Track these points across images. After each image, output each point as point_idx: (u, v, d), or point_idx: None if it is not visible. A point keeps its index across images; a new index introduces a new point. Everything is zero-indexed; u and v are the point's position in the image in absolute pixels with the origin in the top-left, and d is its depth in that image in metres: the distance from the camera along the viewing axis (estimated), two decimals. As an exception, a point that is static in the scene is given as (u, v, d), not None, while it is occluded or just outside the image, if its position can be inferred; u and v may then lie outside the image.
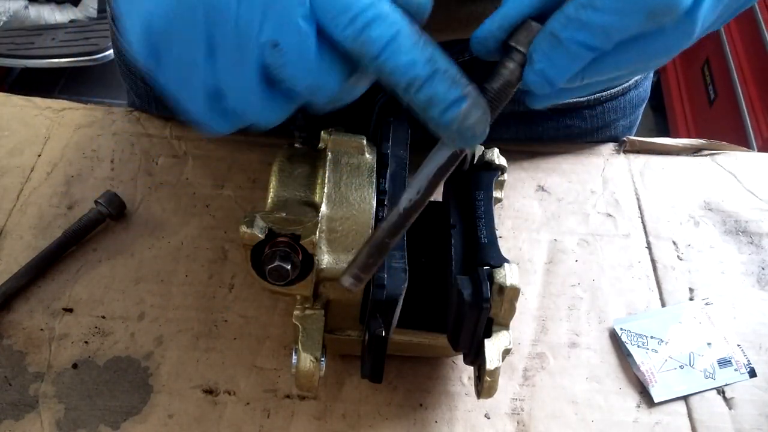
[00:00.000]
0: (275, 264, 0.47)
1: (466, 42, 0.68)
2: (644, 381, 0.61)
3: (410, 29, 0.35)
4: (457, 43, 0.68)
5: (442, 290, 0.56)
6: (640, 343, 0.63)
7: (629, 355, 0.62)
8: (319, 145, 0.57)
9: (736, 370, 0.62)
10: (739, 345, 0.63)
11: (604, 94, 0.76)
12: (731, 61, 1.96)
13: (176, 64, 0.38)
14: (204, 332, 0.63)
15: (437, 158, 0.41)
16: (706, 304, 0.66)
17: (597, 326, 0.65)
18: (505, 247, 0.68)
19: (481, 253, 0.51)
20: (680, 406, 0.60)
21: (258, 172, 0.74)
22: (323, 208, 0.51)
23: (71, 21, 2.25)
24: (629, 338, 0.63)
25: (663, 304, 0.67)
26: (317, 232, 0.48)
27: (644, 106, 0.83)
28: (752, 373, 0.62)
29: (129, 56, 0.40)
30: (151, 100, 0.78)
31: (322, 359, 0.51)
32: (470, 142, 0.38)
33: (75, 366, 0.60)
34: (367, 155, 0.55)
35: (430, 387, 0.60)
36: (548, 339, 0.64)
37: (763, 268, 0.70)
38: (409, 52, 0.35)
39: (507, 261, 0.50)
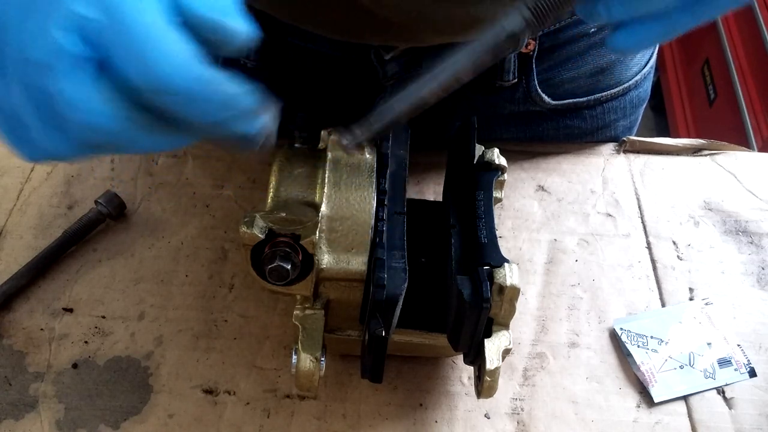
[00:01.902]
0: (275, 264, 0.47)
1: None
2: (644, 381, 0.61)
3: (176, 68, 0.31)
4: (457, 43, 0.68)
5: (442, 290, 0.56)
6: (640, 343, 0.63)
7: (629, 355, 0.62)
8: (319, 145, 0.57)
9: (736, 370, 0.62)
10: (739, 345, 0.63)
11: (604, 94, 0.76)
12: (731, 61, 1.96)
13: None
14: (204, 332, 0.63)
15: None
16: (706, 304, 0.66)
17: (597, 326, 0.65)
18: (505, 247, 0.68)
19: (481, 253, 0.51)
20: (680, 406, 0.60)
21: (258, 172, 0.74)
22: (323, 208, 0.51)
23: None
24: (629, 338, 0.63)
25: (663, 304, 0.67)
26: (317, 232, 0.48)
27: (644, 106, 0.83)
28: (752, 373, 0.62)
29: None
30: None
31: (322, 359, 0.51)
32: (247, 147, 0.36)
33: (75, 366, 0.60)
34: (367, 155, 0.55)
35: (430, 387, 0.60)
36: (548, 339, 0.64)
37: (763, 268, 0.70)
38: (191, 87, 0.31)
39: (507, 261, 0.50)
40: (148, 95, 0.31)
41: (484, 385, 0.50)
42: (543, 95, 0.73)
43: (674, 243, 0.71)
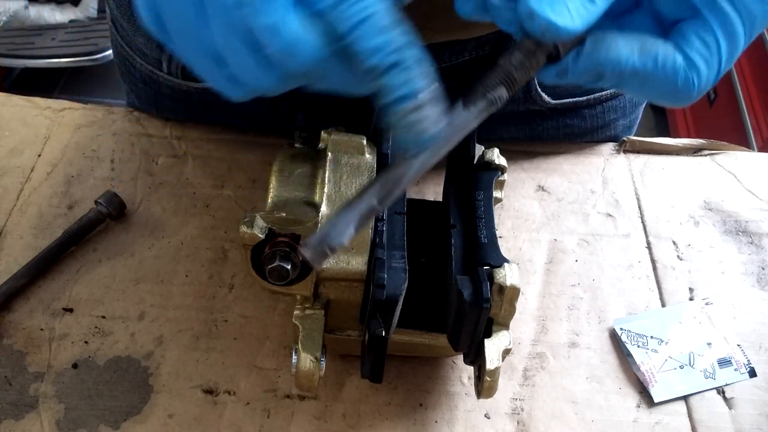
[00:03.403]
0: (275, 264, 0.47)
1: (465, 42, 0.68)
2: (644, 381, 0.61)
3: (386, 13, 0.34)
4: (457, 43, 0.68)
5: (442, 290, 0.56)
6: (640, 343, 0.63)
7: (629, 355, 0.62)
8: (319, 145, 0.57)
9: (736, 370, 0.62)
10: (739, 345, 0.63)
11: (604, 93, 0.76)
12: (731, 61, 1.95)
13: (178, 29, 0.37)
14: (204, 332, 0.63)
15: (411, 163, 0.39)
16: (706, 304, 0.66)
17: (597, 326, 0.65)
18: (505, 247, 0.68)
19: (481, 253, 0.51)
20: (680, 406, 0.60)
21: (258, 172, 0.74)
22: (323, 208, 0.51)
23: (71, 21, 2.25)
24: (629, 338, 0.63)
25: (663, 304, 0.67)
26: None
27: (644, 105, 0.83)
28: (752, 373, 0.62)
29: (143, 28, 0.39)
30: (150, 102, 0.78)
31: (322, 359, 0.51)
32: (413, 140, 0.37)
33: (75, 366, 0.60)
34: (367, 155, 0.55)
35: (430, 387, 0.60)
36: (548, 339, 0.64)
37: (763, 268, 0.70)
38: (377, 37, 0.34)
39: (507, 261, 0.50)
40: (336, 23, 0.34)
41: (484, 385, 0.50)
42: (543, 94, 0.73)
43: (674, 243, 0.71)
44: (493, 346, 0.50)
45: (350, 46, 0.35)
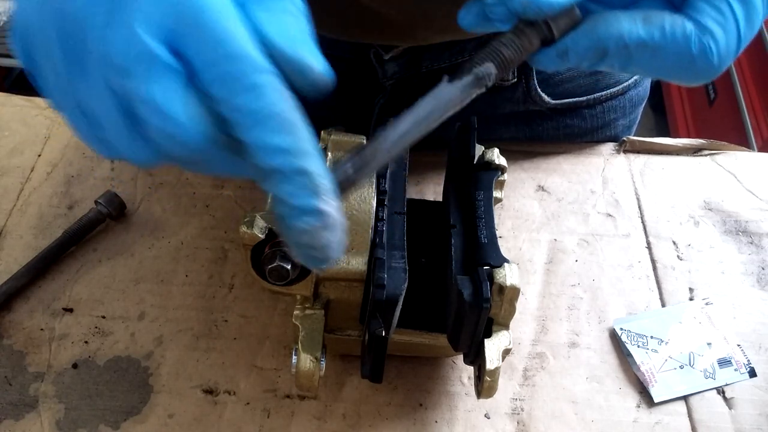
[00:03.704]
0: (275, 264, 0.47)
1: (465, 42, 0.68)
2: (644, 381, 0.61)
3: (291, 109, 0.31)
4: (457, 43, 0.68)
5: (442, 290, 0.56)
6: (640, 343, 0.63)
7: (629, 355, 0.62)
8: (319, 145, 0.57)
9: (736, 370, 0.62)
10: (739, 345, 0.63)
11: (603, 93, 0.76)
12: (731, 61, 1.95)
13: (50, 76, 0.33)
14: (204, 332, 0.63)
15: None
16: (706, 304, 0.66)
17: (597, 326, 0.65)
18: (505, 247, 0.68)
19: (481, 253, 0.51)
20: (680, 406, 0.60)
21: (258, 172, 0.74)
22: (323, 208, 0.51)
23: (71, 21, 2.24)
24: (629, 338, 0.63)
25: (663, 304, 0.67)
26: (317, 232, 0.48)
27: (644, 105, 0.83)
28: (752, 373, 0.62)
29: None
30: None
31: (322, 359, 0.51)
32: (312, 263, 0.33)
33: (75, 366, 0.60)
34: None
35: (430, 387, 0.60)
36: (548, 339, 0.64)
37: (763, 268, 0.70)
38: (279, 135, 0.30)
39: (507, 261, 0.50)
40: (228, 109, 0.30)
41: (484, 385, 0.50)
42: (543, 94, 0.73)
43: (674, 243, 0.71)
44: (493, 346, 0.49)
45: (246, 139, 0.30)
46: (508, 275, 0.48)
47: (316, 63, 0.33)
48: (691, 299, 0.67)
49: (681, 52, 0.37)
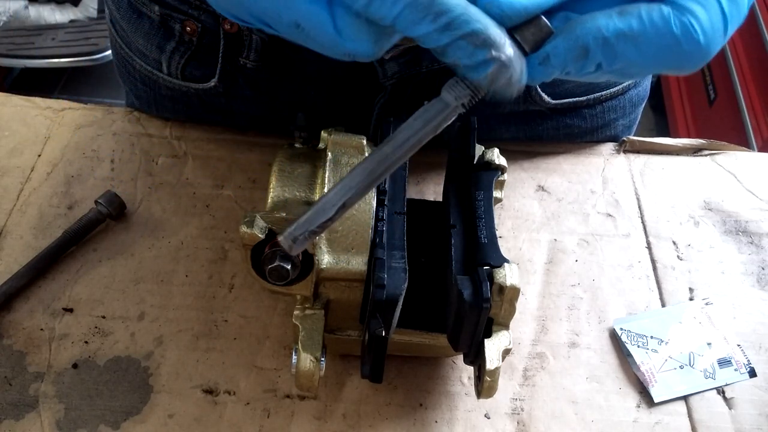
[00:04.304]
0: (275, 264, 0.47)
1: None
2: (644, 381, 0.61)
3: None
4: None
5: (442, 290, 0.56)
6: (640, 343, 0.63)
7: (629, 355, 0.62)
8: (319, 145, 0.57)
9: (736, 370, 0.62)
10: (739, 345, 0.63)
11: (603, 93, 0.76)
12: (731, 61, 1.95)
13: None
14: (204, 332, 0.63)
15: (428, 112, 0.40)
16: (706, 304, 0.66)
17: (597, 326, 0.65)
18: (505, 247, 0.68)
19: (481, 253, 0.51)
20: (680, 406, 0.60)
21: (258, 172, 0.74)
22: (323, 208, 0.51)
23: (71, 21, 2.25)
24: (629, 338, 0.63)
25: (663, 304, 0.67)
26: (317, 232, 0.48)
27: (644, 105, 0.83)
28: (752, 373, 0.62)
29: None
30: (150, 102, 0.78)
31: (322, 359, 0.51)
32: (505, 97, 0.38)
33: (75, 366, 0.60)
34: (367, 155, 0.54)
35: (430, 387, 0.60)
36: (548, 339, 0.64)
37: (763, 268, 0.70)
38: (420, 25, 0.36)
39: (507, 261, 0.50)
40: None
41: (484, 385, 0.50)
42: (543, 94, 0.73)
43: (674, 243, 0.71)
44: (493, 346, 0.50)
45: (403, 33, 0.37)
46: (508, 275, 0.48)
47: None
48: (691, 299, 0.67)
49: (663, 35, 0.37)
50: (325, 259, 0.50)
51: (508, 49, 0.37)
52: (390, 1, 0.35)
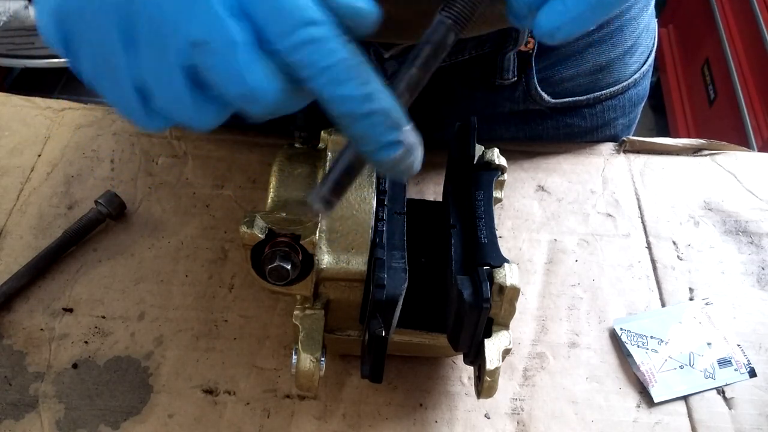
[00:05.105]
0: (275, 264, 0.47)
1: (465, 41, 0.68)
2: (644, 381, 0.61)
3: (350, 56, 0.33)
4: (457, 42, 0.68)
5: (442, 290, 0.56)
6: (640, 343, 0.63)
7: (629, 355, 0.62)
8: (319, 145, 0.57)
9: (736, 370, 0.62)
10: (739, 345, 0.63)
11: (603, 92, 0.76)
12: (731, 61, 1.95)
13: (92, 53, 0.35)
14: (204, 332, 0.63)
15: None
16: (706, 304, 0.66)
17: (597, 326, 0.65)
18: (505, 247, 0.68)
19: (481, 253, 0.51)
20: (680, 406, 0.60)
21: (258, 172, 0.74)
22: (323, 208, 0.51)
23: (71, 21, 2.25)
24: (629, 338, 0.63)
25: (663, 304, 0.67)
26: (317, 232, 0.48)
27: (643, 104, 0.83)
28: (752, 373, 0.62)
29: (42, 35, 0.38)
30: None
31: (322, 359, 0.51)
32: (401, 179, 0.36)
33: (75, 366, 0.60)
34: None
35: (430, 387, 0.60)
36: (548, 339, 0.64)
37: (763, 268, 0.70)
38: (346, 85, 0.32)
39: (507, 261, 0.50)
40: (299, 66, 0.33)
41: (484, 385, 0.50)
42: (543, 93, 0.73)
43: (674, 243, 0.71)
44: (493, 346, 0.49)
45: (318, 91, 0.33)
46: (508, 275, 0.48)
47: (362, 3, 0.35)
48: (691, 299, 0.67)
49: None
50: (325, 259, 0.50)
51: (410, 131, 0.34)
52: (327, 50, 0.32)
